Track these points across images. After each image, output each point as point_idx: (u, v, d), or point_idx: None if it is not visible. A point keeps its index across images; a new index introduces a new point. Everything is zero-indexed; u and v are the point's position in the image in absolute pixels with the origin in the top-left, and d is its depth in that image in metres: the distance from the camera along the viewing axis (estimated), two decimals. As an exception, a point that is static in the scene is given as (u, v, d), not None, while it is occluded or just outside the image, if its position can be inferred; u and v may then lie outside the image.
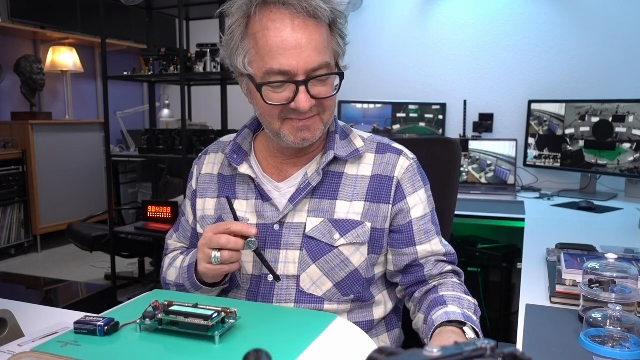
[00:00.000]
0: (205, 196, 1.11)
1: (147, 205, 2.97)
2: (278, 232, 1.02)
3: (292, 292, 1.01)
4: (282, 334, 0.83)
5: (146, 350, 0.78)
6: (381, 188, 1.03)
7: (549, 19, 2.93)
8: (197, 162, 1.17)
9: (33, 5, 4.27)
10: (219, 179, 1.11)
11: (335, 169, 1.04)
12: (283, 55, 0.91)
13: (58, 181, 4.35)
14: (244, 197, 1.06)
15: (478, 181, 2.79)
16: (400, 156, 1.06)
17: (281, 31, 0.91)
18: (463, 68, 3.13)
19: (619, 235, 1.86)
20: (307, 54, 0.91)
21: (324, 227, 1.01)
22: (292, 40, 0.91)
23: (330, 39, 0.96)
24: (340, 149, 1.04)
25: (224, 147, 1.13)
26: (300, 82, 0.92)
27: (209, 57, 2.75)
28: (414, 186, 1.05)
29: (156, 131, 3.07)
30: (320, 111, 0.97)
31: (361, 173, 1.04)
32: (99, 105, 5.13)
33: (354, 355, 0.79)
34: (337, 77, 0.96)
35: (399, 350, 0.38)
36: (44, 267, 3.92)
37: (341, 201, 1.02)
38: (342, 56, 1.00)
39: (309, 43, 0.91)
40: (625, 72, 2.79)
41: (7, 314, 0.84)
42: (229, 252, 0.92)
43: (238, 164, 1.06)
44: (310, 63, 0.91)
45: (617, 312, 0.87)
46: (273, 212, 1.03)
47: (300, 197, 1.01)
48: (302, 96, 0.92)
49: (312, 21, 0.92)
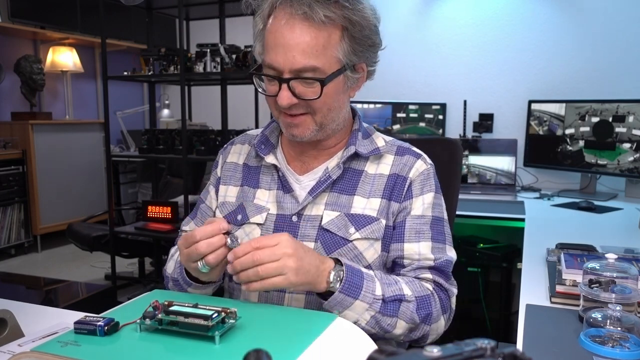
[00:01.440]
0: (228, 183, 1.15)
1: (147, 205, 2.97)
2: (296, 224, 1.04)
3: (299, 299, 1.01)
4: (282, 334, 0.83)
5: (146, 350, 0.78)
6: (395, 186, 1.05)
7: (549, 19, 2.93)
8: (223, 152, 1.20)
9: (33, 5, 4.27)
10: (243, 169, 1.15)
11: (356, 165, 1.07)
12: (273, 51, 0.95)
13: (58, 181, 4.35)
14: (267, 187, 1.09)
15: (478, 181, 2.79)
16: (418, 159, 1.09)
17: (277, 28, 0.95)
18: (463, 68, 3.13)
19: (619, 235, 1.86)
20: (292, 54, 0.93)
21: (340, 220, 1.02)
22: (282, 39, 0.94)
23: (335, 44, 0.95)
24: (361, 145, 1.07)
25: (251, 139, 1.17)
26: (282, 79, 0.95)
27: (209, 57, 2.75)
28: (422, 189, 1.06)
29: (156, 131, 3.07)
30: (310, 111, 0.99)
31: (380, 171, 1.07)
32: (99, 105, 5.13)
33: (354, 355, 0.79)
34: (320, 85, 0.95)
35: (399, 350, 0.38)
36: (44, 267, 3.92)
37: (359, 197, 1.04)
38: (361, 61, 1.00)
39: (297, 44, 0.93)
40: (625, 72, 2.79)
41: (7, 314, 0.84)
42: (213, 254, 0.91)
43: (265, 154, 1.09)
44: (295, 64, 0.93)
45: (617, 312, 0.87)
46: (293, 203, 1.05)
47: (320, 189, 1.04)
48: (282, 93, 0.96)
49: (307, 23, 0.93)
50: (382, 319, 0.94)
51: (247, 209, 1.08)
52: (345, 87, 1.01)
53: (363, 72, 1.03)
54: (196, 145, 2.88)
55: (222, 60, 2.73)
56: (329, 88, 0.96)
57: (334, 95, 0.99)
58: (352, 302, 0.91)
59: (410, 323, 0.96)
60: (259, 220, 1.06)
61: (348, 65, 0.98)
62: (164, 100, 3.89)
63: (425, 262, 1.03)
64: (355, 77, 1.02)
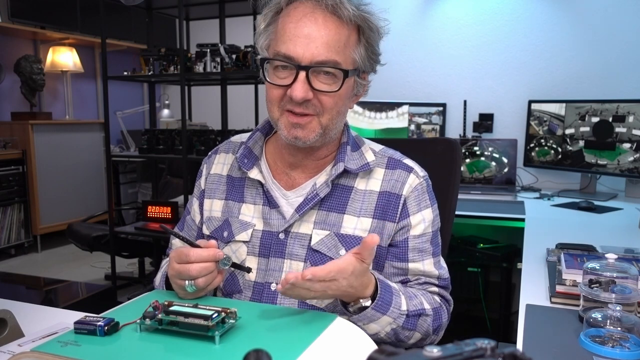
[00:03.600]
0: (212, 197, 1.11)
1: (147, 205, 2.97)
2: (283, 241, 1.02)
3: (294, 302, 1.00)
4: (282, 334, 0.83)
5: (146, 350, 0.78)
6: (388, 205, 1.02)
7: (549, 19, 2.93)
8: (207, 161, 1.17)
9: (33, 5, 4.27)
10: (227, 181, 1.11)
11: (345, 182, 1.03)
12: (292, 41, 0.91)
13: (58, 181, 4.35)
14: (252, 202, 1.06)
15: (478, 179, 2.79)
16: (410, 174, 1.04)
17: (299, 19, 0.92)
18: (463, 68, 3.13)
19: (619, 235, 1.86)
20: (315, 45, 0.90)
21: (330, 240, 1.00)
22: (306, 29, 0.91)
23: (353, 44, 0.94)
24: (350, 161, 1.02)
25: (234, 147, 1.13)
26: (302, 67, 0.91)
27: (209, 57, 2.75)
28: (419, 205, 1.04)
29: (156, 131, 3.07)
30: (319, 112, 0.95)
31: (370, 188, 1.03)
32: (99, 105, 5.13)
33: (354, 355, 0.79)
34: (342, 78, 0.93)
35: (399, 350, 0.38)
36: (44, 267, 3.92)
37: (349, 216, 1.01)
38: (365, 71, 0.99)
39: (321, 36, 0.91)
40: (625, 72, 2.79)
41: (7, 314, 0.84)
42: (204, 278, 0.90)
43: (248, 169, 1.04)
44: (317, 55, 0.90)
45: (617, 312, 0.86)
46: (279, 219, 1.02)
47: (307, 207, 1.00)
48: (298, 85, 0.91)
49: (333, 18, 0.91)
50: (401, 331, 0.94)
51: (233, 226, 1.05)
52: (352, 92, 1.00)
53: (367, 82, 1.02)
54: (196, 145, 2.88)
55: (222, 60, 2.73)
56: (344, 87, 0.94)
57: (344, 98, 0.97)
58: (380, 317, 0.91)
59: (424, 335, 0.98)
60: (245, 237, 1.04)
61: (360, 70, 0.97)
62: (164, 100, 3.88)
63: (430, 278, 1.04)
64: (362, 84, 1.01)
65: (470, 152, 2.82)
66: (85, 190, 4.58)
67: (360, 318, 0.90)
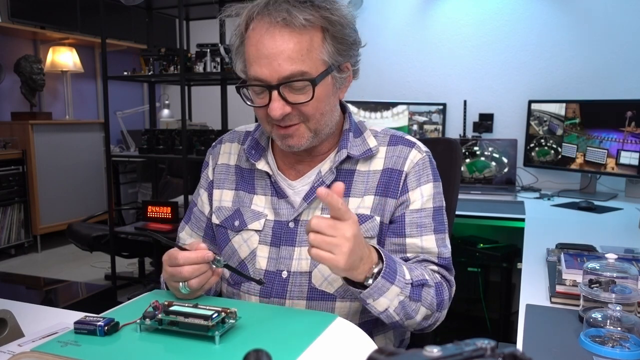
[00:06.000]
0: (222, 187, 1.13)
1: (147, 205, 2.97)
2: (293, 230, 1.04)
3: (304, 289, 1.02)
4: (282, 334, 0.83)
5: (146, 350, 0.78)
6: (390, 182, 1.04)
7: (549, 19, 2.94)
8: (212, 152, 1.18)
9: (33, 5, 4.26)
10: (236, 171, 1.13)
11: (348, 166, 1.06)
12: (257, 63, 0.93)
13: (58, 181, 4.35)
14: (262, 193, 1.08)
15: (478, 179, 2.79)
16: (412, 149, 1.06)
17: (257, 40, 0.93)
18: (463, 68, 3.13)
19: (619, 235, 1.86)
20: (277, 62, 0.92)
21: None
22: (265, 50, 0.92)
23: (318, 47, 0.94)
24: (353, 147, 1.05)
25: (240, 137, 1.15)
26: (272, 86, 0.93)
27: (209, 57, 2.75)
28: (418, 180, 1.05)
29: (156, 131, 3.07)
30: (303, 120, 0.97)
31: (373, 168, 1.05)
32: (99, 105, 5.13)
33: (354, 355, 0.79)
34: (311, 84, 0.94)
35: (399, 350, 0.38)
36: (44, 267, 3.92)
37: (353, 197, 1.04)
38: (346, 61, 1.00)
39: (281, 52, 0.92)
40: (625, 72, 2.79)
41: (7, 314, 0.84)
42: (197, 279, 0.92)
43: (256, 160, 1.07)
44: (282, 72, 0.92)
45: (617, 312, 0.86)
46: (288, 209, 1.05)
47: (314, 195, 1.02)
48: (274, 104, 0.94)
49: (288, 29, 0.92)
50: (408, 304, 0.94)
51: (245, 215, 1.07)
52: (334, 88, 1.00)
53: (349, 71, 1.03)
54: (196, 145, 2.88)
55: (222, 60, 2.73)
56: (319, 91, 0.95)
57: (325, 99, 0.98)
58: (389, 288, 0.91)
59: (429, 309, 0.97)
60: (257, 226, 1.06)
61: (334, 66, 0.98)
62: (164, 100, 3.88)
63: (430, 255, 1.04)
64: (342, 77, 1.01)
65: (470, 152, 2.82)
66: (85, 190, 4.58)
67: (372, 292, 0.90)
